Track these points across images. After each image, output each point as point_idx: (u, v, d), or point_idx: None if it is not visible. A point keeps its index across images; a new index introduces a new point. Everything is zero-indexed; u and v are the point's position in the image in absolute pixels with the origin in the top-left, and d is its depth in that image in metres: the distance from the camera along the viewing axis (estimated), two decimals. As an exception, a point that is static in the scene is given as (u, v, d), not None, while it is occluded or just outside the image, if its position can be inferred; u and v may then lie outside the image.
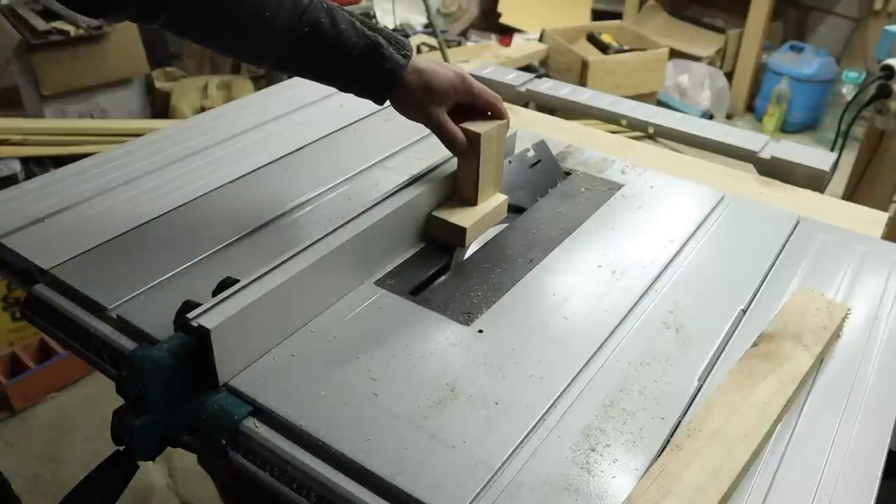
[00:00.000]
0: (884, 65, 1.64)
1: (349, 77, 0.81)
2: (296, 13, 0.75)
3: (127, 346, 0.74)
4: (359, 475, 0.60)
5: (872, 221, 1.04)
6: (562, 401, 0.68)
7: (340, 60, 0.79)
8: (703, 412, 0.66)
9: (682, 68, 3.69)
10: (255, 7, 0.73)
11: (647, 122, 1.32)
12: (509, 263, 0.87)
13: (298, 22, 0.75)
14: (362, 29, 0.79)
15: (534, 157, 1.05)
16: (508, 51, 3.49)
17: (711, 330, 0.78)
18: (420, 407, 0.66)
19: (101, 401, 1.90)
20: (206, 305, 0.67)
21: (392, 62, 0.80)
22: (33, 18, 2.74)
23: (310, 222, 0.95)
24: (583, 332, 0.76)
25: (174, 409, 0.65)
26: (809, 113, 3.64)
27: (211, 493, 0.98)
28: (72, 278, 0.81)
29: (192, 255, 0.87)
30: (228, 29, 0.75)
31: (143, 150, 1.11)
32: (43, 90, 2.72)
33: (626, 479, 0.61)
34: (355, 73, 0.80)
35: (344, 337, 0.74)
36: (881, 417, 0.68)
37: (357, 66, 0.79)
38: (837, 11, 3.81)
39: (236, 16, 0.73)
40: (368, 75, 0.80)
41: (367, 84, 0.82)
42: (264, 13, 0.73)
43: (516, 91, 1.46)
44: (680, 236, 0.93)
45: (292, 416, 0.64)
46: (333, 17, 0.77)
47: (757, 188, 1.12)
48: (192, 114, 2.88)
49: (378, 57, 0.79)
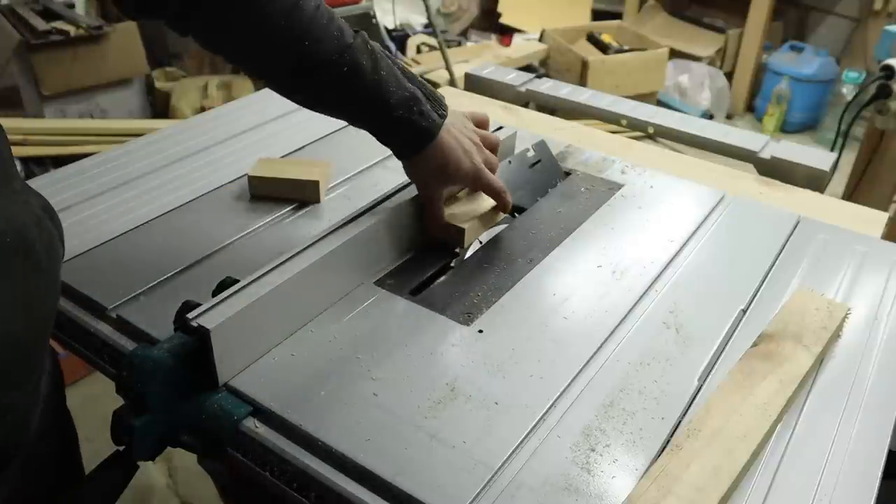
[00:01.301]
0: (884, 65, 1.64)
1: (381, 127, 0.79)
2: (337, 50, 0.71)
3: (127, 346, 0.74)
4: (359, 475, 0.60)
5: (872, 221, 1.04)
6: (562, 401, 0.68)
7: (376, 108, 0.75)
8: (703, 412, 0.66)
9: (682, 68, 3.69)
10: (296, 34, 0.69)
11: (647, 122, 1.32)
12: (509, 263, 0.87)
13: (339, 58, 0.71)
14: (403, 80, 0.76)
15: (534, 157, 1.05)
16: (508, 51, 3.50)
17: (711, 330, 0.78)
18: (420, 407, 0.66)
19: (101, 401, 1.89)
20: (206, 305, 0.67)
21: (429, 120, 0.78)
22: (33, 18, 2.74)
23: (310, 222, 0.95)
24: (583, 332, 0.76)
25: (174, 409, 0.65)
26: (809, 113, 3.64)
27: (211, 493, 0.98)
28: (72, 278, 0.81)
29: (192, 255, 0.87)
30: (262, 52, 0.72)
31: (143, 150, 1.11)
32: (43, 90, 2.72)
33: (626, 479, 0.61)
34: (389, 125, 0.77)
35: (344, 337, 0.74)
36: (881, 417, 0.68)
37: (391, 117, 0.76)
38: (837, 11, 3.81)
39: (273, 38, 0.70)
40: (403, 129, 0.78)
41: (399, 139, 0.80)
42: (304, 42, 0.70)
43: (516, 91, 1.46)
44: (680, 236, 0.93)
45: (292, 416, 0.64)
46: (376, 61, 0.74)
47: (757, 188, 1.12)
48: (192, 114, 2.88)
49: (416, 113, 0.76)
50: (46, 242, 0.60)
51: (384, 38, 3.28)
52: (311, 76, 0.72)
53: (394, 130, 0.78)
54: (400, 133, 0.78)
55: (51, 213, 0.64)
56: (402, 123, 0.77)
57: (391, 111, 0.75)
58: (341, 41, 0.72)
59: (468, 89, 1.52)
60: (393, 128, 0.78)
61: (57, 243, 0.63)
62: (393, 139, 0.80)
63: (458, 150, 0.81)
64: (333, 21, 0.72)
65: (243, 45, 0.72)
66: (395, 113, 0.75)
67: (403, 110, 0.76)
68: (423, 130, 0.78)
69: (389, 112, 0.75)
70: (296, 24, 0.69)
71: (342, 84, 0.73)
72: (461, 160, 0.82)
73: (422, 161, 0.81)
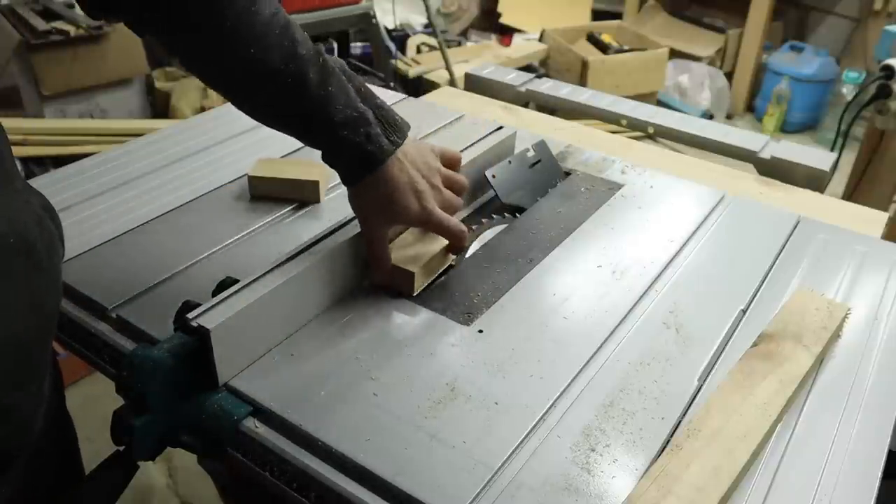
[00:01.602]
0: (884, 65, 1.64)
1: (325, 145, 0.73)
2: (283, 59, 0.67)
3: (127, 346, 0.74)
4: (359, 475, 0.60)
5: (872, 221, 1.04)
6: (562, 401, 0.68)
7: (320, 124, 0.71)
8: (703, 412, 0.66)
9: (682, 68, 3.69)
10: (246, 41, 0.66)
11: (647, 122, 1.33)
12: (509, 263, 0.87)
13: (285, 68, 0.68)
14: (354, 99, 0.71)
15: (534, 157, 1.05)
16: (508, 51, 3.50)
17: (711, 330, 0.78)
18: (420, 407, 0.66)
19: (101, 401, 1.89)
20: (206, 305, 0.67)
21: (375, 145, 0.72)
22: (33, 18, 2.74)
23: (310, 222, 0.95)
24: (583, 332, 0.76)
25: (174, 409, 0.65)
26: (809, 113, 3.64)
27: (211, 493, 0.98)
28: (72, 278, 0.81)
29: (192, 255, 0.87)
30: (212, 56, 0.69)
31: (143, 150, 1.11)
32: (43, 90, 2.73)
33: (626, 479, 0.61)
34: (333, 144, 0.72)
35: (344, 337, 0.74)
36: (881, 417, 0.68)
37: (335, 136, 0.71)
38: (837, 11, 3.81)
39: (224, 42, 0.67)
40: (346, 150, 0.72)
41: (342, 162, 0.74)
42: (250, 49, 0.66)
43: (516, 91, 1.46)
44: (680, 236, 0.93)
45: (292, 416, 0.64)
46: (326, 75, 0.69)
47: (757, 188, 1.12)
48: (192, 114, 2.88)
49: (361, 135, 0.71)
50: (47, 242, 0.60)
51: (384, 38, 3.28)
52: (257, 84, 0.69)
53: (337, 151, 0.73)
54: (343, 154, 0.73)
55: (51, 213, 0.64)
56: (345, 144, 0.71)
57: (335, 129, 0.70)
58: (290, 50, 0.68)
59: (468, 89, 1.52)
60: (336, 148, 0.72)
61: (57, 243, 0.63)
62: (337, 161, 0.74)
63: (408, 188, 0.75)
64: (288, 29, 0.68)
65: (197, 50, 0.69)
66: (339, 132, 0.70)
67: (349, 131, 0.70)
68: (368, 155, 0.72)
69: (334, 130, 0.70)
70: (246, 29, 0.66)
71: (286, 95, 0.69)
72: (409, 200, 0.75)
73: (365, 191, 0.75)
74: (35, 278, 0.57)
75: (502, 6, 4.22)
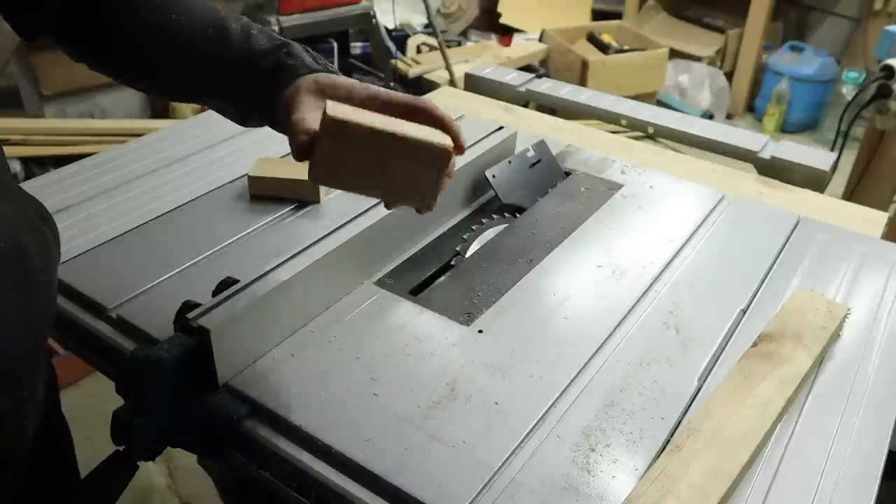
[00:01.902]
0: (884, 65, 1.64)
1: (252, 78, 0.70)
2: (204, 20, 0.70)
3: (127, 346, 0.74)
4: (359, 475, 0.60)
5: (872, 221, 1.04)
6: (562, 401, 0.68)
7: (245, 60, 0.69)
8: (703, 412, 0.66)
9: (682, 68, 3.69)
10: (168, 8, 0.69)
11: (647, 122, 1.33)
12: (509, 263, 0.87)
13: (205, 28, 0.70)
14: (278, 38, 0.71)
15: (534, 157, 1.05)
16: (508, 51, 3.50)
17: (711, 330, 0.78)
18: (420, 407, 0.66)
19: (101, 401, 1.89)
20: (206, 305, 0.67)
21: (297, 59, 0.69)
22: (33, 18, 2.74)
23: (310, 222, 0.95)
24: (583, 332, 0.76)
25: (174, 409, 0.65)
26: (809, 113, 3.64)
27: (211, 493, 0.98)
28: (72, 278, 0.81)
29: (192, 255, 0.87)
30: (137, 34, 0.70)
31: (143, 150, 1.11)
32: (43, 90, 2.72)
33: (625, 480, 0.61)
34: (257, 73, 0.69)
35: (344, 337, 0.74)
36: (881, 417, 0.68)
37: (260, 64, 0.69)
38: (837, 11, 3.81)
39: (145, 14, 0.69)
40: (270, 72, 0.69)
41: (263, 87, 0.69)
42: (171, 15, 0.69)
43: (516, 91, 1.46)
44: (680, 236, 0.93)
45: (292, 416, 0.64)
46: (247, 26, 0.71)
47: (757, 188, 1.12)
48: (192, 114, 2.88)
49: (284, 54, 0.69)
50: (41, 247, 0.59)
51: (384, 38, 3.28)
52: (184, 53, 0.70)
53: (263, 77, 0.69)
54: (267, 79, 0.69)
55: (45, 217, 0.64)
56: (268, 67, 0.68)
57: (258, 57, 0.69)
58: (214, 14, 0.70)
59: (468, 89, 1.52)
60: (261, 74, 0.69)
61: (52, 247, 0.63)
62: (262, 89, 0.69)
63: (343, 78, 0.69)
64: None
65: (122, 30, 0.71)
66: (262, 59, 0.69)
67: (272, 54, 0.69)
68: (289, 68, 0.68)
69: (256, 59, 0.69)
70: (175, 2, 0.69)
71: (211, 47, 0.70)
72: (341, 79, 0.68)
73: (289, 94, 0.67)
74: (28, 283, 0.57)
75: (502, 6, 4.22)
